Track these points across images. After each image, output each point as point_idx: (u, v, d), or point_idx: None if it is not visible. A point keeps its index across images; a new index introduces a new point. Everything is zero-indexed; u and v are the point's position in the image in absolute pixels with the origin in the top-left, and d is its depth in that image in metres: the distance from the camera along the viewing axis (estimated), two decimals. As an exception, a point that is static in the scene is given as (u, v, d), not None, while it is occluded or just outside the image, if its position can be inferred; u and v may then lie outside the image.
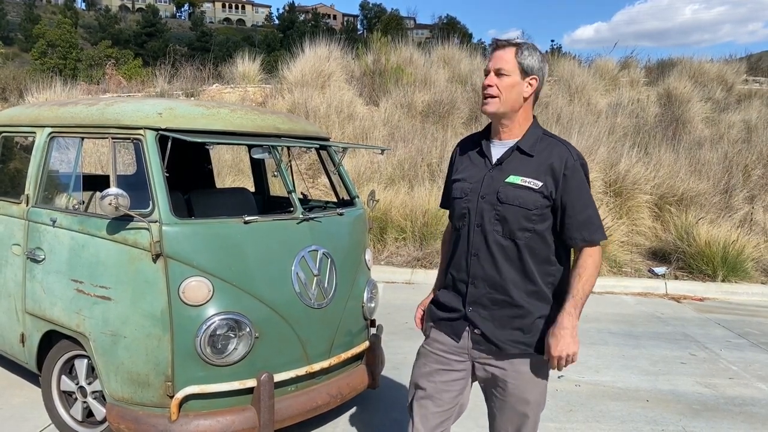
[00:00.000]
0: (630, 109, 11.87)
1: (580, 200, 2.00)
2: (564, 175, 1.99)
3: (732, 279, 7.34)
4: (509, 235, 2.02)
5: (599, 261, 2.04)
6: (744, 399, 4.16)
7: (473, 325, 2.09)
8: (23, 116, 3.78)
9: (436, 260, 7.58)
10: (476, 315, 2.08)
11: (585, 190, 2.02)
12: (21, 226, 3.42)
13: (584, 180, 2.03)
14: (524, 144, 2.05)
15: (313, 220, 3.29)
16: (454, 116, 11.48)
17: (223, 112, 3.32)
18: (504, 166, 2.06)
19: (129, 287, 2.86)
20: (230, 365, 2.88)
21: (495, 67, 2.01)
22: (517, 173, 2.02)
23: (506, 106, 2.02)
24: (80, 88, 13.80)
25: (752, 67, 15.70)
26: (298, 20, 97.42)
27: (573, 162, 2.01)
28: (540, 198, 1.99)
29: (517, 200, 2.00)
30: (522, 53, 2.00)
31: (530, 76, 2.02)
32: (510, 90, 2.01)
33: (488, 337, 2.06)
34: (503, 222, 2.03)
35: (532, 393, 2.08)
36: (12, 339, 3.53)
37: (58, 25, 58.12)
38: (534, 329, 2.04)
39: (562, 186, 1.99)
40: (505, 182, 2.02)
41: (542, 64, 2.04)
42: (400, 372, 4.36)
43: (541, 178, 2.00)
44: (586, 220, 2.00)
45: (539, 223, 2.01)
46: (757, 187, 9.48)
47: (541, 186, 1.99)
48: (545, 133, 2.09)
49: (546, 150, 2.04)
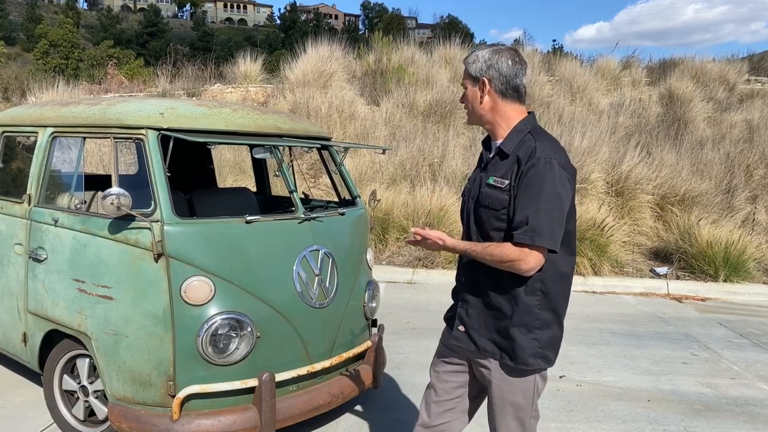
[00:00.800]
0: (632, 109, 11.86)
1: (527, 196, 1.91)
2: (522, 171, 1.94)
3: (734, 279, 7.33)
4: (484, 236, 2.05)
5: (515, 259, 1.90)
6: (746, 399, 4.16)
7: (460, 321, 2.15)
8: (25, 116, 3.79)
9: (437, 260, 7.58)
10: (463, 313, 2.14)
11: (538, 186, 1.90)
12: (23, 226, 3.42)
13: (542, 177, 1.90)
14: (504, 145, 2.05)
15: (315, 220, 3.29)
16: (455, 116, 11.48)
17: (224, 111, 3.32)
18: (488, 168, 2.09)
19: (131, 287, 2.86)
20: (232, 365, 2.88)
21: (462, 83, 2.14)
22: (493, 174, 2.04)
23: (474, 115, 2.11)
24: (82, 88, 13.82)
25: (754, 66, 15.67)
26: (300, 20, 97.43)
27: (535, 158, 1.92)
28: (505, 197, 1.97)
29: (487, 200, 2.02)
30: (468, 64, 2.08)
31: (479, 79, 2.04)
32: (470, 101, 2.10)
33: (469, 335, 2.12)
34: (479, 223, 2.07)
35: (513, 395, 2.06)
36: (14, 338, 3.54)
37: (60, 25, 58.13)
38: (510, 334, 2.01)
39: (519, 181, 1.94)
40: (486, 184, 2.06)
41: (491, 62, 2.02)
42: (401, 372, 4.36)
43: (507, 176, 1.98)
44: (523, 218, 1.90)
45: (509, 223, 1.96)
46: (759, 187, 9.47)
47: (507, 184, 1.98)
48: (531, 131, 2.03)
49: (518, 147, 2.01)
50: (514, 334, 2.01)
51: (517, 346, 2.01)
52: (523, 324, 2.00)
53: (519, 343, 2.00)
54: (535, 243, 1.88)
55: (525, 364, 2.01)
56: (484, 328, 2.08)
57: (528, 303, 1.99)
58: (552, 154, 1.94)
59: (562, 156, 1.98)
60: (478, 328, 2.09)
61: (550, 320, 2.04)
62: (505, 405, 2.07)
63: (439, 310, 6.16)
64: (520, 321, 2.00)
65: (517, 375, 2.05)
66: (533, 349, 2.01)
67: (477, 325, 2.09)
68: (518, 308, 2.00)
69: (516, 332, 2.00)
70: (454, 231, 7.85)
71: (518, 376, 2.05)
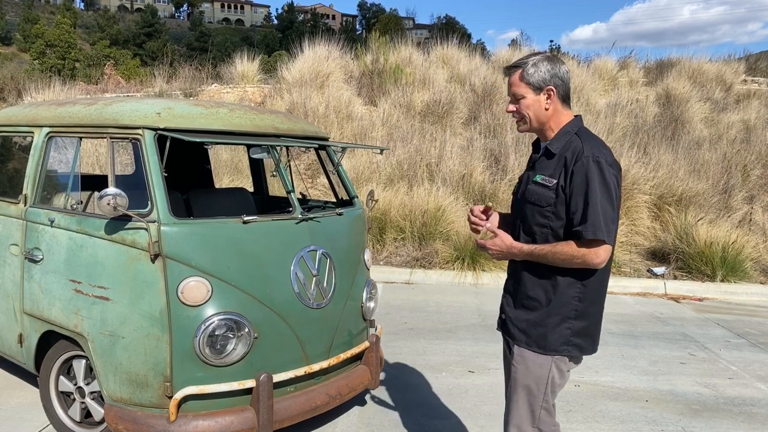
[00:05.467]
0: (629, 109, 11.87)
1: (582, 195, 2.03)
2: (572, 170, 2.05)
3: (731, 279, 7.34)
4: (528, 231, 2.18)
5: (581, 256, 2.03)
6: (743, 399, 4.16)
7: (502, 310, 2.32)
8: (21, 116, 3.77)
9: (435, 260, 7.58)
10: (504, 302, 2.32)
11: (590, 185, 2.02)
12: (19, 226, 3.41)
13: (592, 176, 2.03)
14: (552, 144, 2.17)
15: (312, 220, 3.29)
16: (453, 116, 11.48)
17: (221, 111, 3.31)
18: (536, 167, 2.22)
19: (127, 287, 2.85)
20: (229, 365, 2.87)
21: (510, 93, 2.19)
22: (541, 172, 2.16)
23: (534, 123, 2.18)
24: (79, 88, 13.79)
25: (751, 67, 15.70)
26: (297, 20, 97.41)
27: (583, 157, 2.04)
28: (552, 195, 2.09)
29: (533, 197, 2.14)
30: (527, 72, 2.14)
31: (543, 89, 2.14)
32: (529, 109, 2.16)
33: (505, 322, 2.30)
34: (523, 218, 2.20)
35: (526, 379, 2.20)
36: (10, 339, 3.52)
37: (57, 25, 57.98)
38: (543, 322, 2.14)
39: (569, 180, 2.06)
40: (532, 181, 2.18)
41: (554, 71, 2.14)
42: (399, 372, 4.35)
43: (555, 175, 2.10)
44: (583, 216, 2.02)
45: (554, 220, 2.10)
46: (756, 187, 9.49)
47: (555, 183, 2.09)
48: (578, 132, 2.15)
49: (565, 147, 2.12)
50: (548, 323, 2.14)
51: (550, 334, 2.14)
52: (559, 314, 2.13)
53: (551, 331, 2.14)
54: (597, 237, 2.00)
55: (555, 351, 2.15)
56: (518, 317, 2.22)
57: (567, 294, 2.12)
58: (598, 152, 2.06)
59: (608, 154, 2.09)
60: (513, 317, 2.24)
61: (587, 311, 2.15)
62: (518, 387, 2.22)
63: (436, 310, 6.20)
64: (556, 311, 2.13)
65: (535, 362, 2.18)
66: (566, 337, 2.14)
67: (513, 314, 2.25)
68: (556, 298, 2.13)
69: (551, 321, 2.14)
70: (451, 231, 7.86)
71: (536, 363, 2.18)
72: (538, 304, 2.16)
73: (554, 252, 2.07)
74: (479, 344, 5.01)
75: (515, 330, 2.23)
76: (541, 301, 2.15)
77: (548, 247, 2.09)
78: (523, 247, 2.14)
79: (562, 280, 2.11)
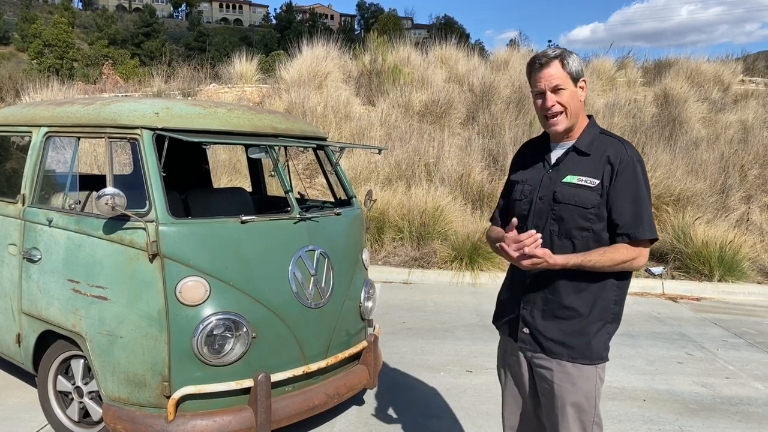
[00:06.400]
0: (627, 109, 11.88)
1: (630, 195, 1.98)
2: (617, 171, 2.00)
3: (728, 279, 7.36)
4: (566, 235, 2.04)
5: (632, 258, 1.98)
6: (740, 398, 4.17)
7: (524, 323, 2.13)
8: (19, 116, 3.77)
9: (434, 260, 7.58)
10: (527, 314, 2.13)
11: (637, 185, 1.99)
12: (17, 226, 3.40)
13: (637, 176, 2.00)
14: (581, 143, 2.09)
15: (311, 220, 3.29)
16: (451, 116, 11.48)
17: (220, 111, 3.31)
18: (561, 167, 2.10)
19: (125, 287, 2.85)
20: (227, 365, 2.88)
21: (550, 85, 2.03)
22: (573, 173, 2.05)
23: (573, 117, 2.07)
24: (77, 88, 13.77)
25: (749, 67, 15.71)
26: (296, 20, 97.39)
27: (627, 158, 2.01)
28: (596, 196, 2.00)
29: (573, 199, 2.02)
30: (567, 62, 2.03)
31: (579, 80, 2.06)
32: (571, 101, 2.05)
33: (534, 336, 2.11)
34: (560, 221, 2.05)
35: (574, 396, 2.06)
36: (8, 339, 3.52)
37: (55, 25, 57.88)
38: (586, 331, 2.04)
39: (614, 182, 2.00)
40: (562, 182, 2.06)
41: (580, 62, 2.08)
42: (397, 372, 4.36)
43: (597, 176, 2.02)
44: (633, 216, 1.98)
45: (596, 222, 2.01)
46: (753, 187, 9.51)
47: (598, 184, 2.01)
48: (602, 132, 2.12)
49: (602, 148, 2.06)
50: (590, 331, 2.04)
51: (594, 341, 2.04)
52: (600, 320, 2.05)
53: (595, 339, 2.05)
54: (654, 236, 1.99)
55: (600, 358, 2.06)
56: (551, 329, 2.08)
57: (606, 298, 2.05)
58: (637, 153, 2.04)
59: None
60: (543, 330, 2.09)
61: (620, 312, 2.10)
62: (567, 406, 2.06)
63: (434, 310, 6.20)
64: (597, 317, 2.05)
65: (582, 375, 2.05)
66: (606, 342, 2.08)
67: (543, 326, 2.09)
68: (596, 305, 2.04)
69: (592, 329, 2.05)
70: (449, 231, 7.86)
71: (583, 377, 2.05)
72: (575, 313, 2.04)
73: (609, 258, 1.97)
74: (477, 344, 5.02)
75: (549, 343, 2.07)
76: (579, 309, 2.04)
77: (597, 255, 1.97)
78: (569, 260, 1.97)
79: (601, 285, 2.03)
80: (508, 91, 12.08)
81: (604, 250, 1.98)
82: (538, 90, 2.05)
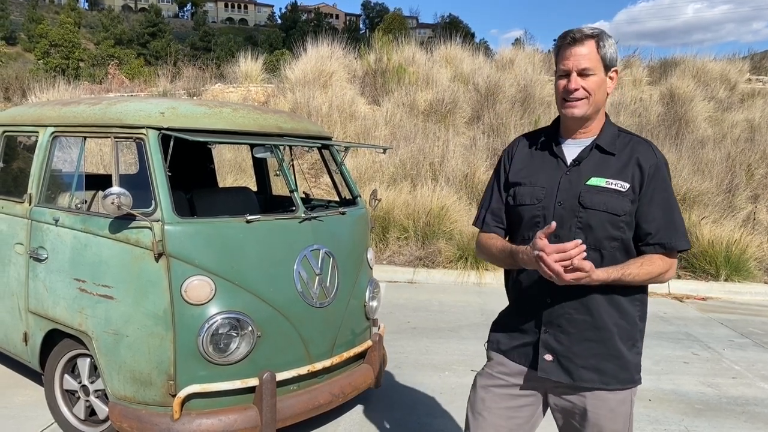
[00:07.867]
0: (633, 108, 11.84)
1: (662, 202, 1.80)
2: (648, 175, 1.80)
3: (735, 279, 7.33)
4: (595, 245, 1.79)
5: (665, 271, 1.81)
6: (747, 399, 4.15)
7: (547, 349, 1.86)
8: (26, 116, 3.79)
9: (438, 259, 7.58)
10: (550, 339, 1.86)
11: (668, 191, 1.82)
12: (24, 226, 3.42)
13: (667, 180, 1.83)
14: (603, 141, 1.85)
15: (315, 220, 3.29)
16: (456, 115, 11.48)
17: (225, 111, 3.32)
18: (582, 167, 1.84)
19: (131, 286, 2.86)
20: (232, 364, 2.88)
21: (578, 66, 1.76)
22: (599, 174, 1.81)
23: (595, 107, 1.82)
24: (83, 88, 13.83)
25: (755, 66, 15.62)
26: (301, 20, 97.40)
27: (657, 161, 1.82)
28: (628, 202, 1.79)
29: (603, 205, 1.78)
30: (603, 45, 1.77)
31: (611, 69, 1.81)
32: (598, 89, 1.79)
33: (561, 364, 1.85)
34: (587, 230, 1.79)
35: (613, 423, 1.87)
36: (15, 338, 3.54)
37: (61, 25, 58.08)
38: (617, 356, 1.85)
39: (644, 187, 1.80)
40: (587, 185, 1.81)
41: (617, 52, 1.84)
42: (401, 371, 4.36)
43: (627, 179, 1.80)
44: (667, 224, 1.81)
45: (627, 230, 1.81)
46: (760, 187, 9.46)
47: (629, 188, 1.79)
48: (621, 130, 1.90)
49: (628, 148, 1.84)
50: (622, 352, 1.85)
51: (627, 364, 1.86)
52: (630, 338, 1.87)
53: (628, 360, 1.86)
54: (689, 246, 1.84)
55: (633, 382, 1.89)
56: (582, 355, 1.84)
57: (632, 314, 1.87)
58: (663, 155, 1.86)
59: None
60: (572, 356, 1.83)
61: (644, 329, 1.92)
62: None
63: (439, 309, 6.19)
64: (627, 336, 1.86)
65: (617, 400, 1.87)
66: (638, 363, 1.90)
67: (572, 352, 1.83)
68: (625, 323, 1.85)
69: (623, 349, 1.85)
70: (454, 231, 7.86)
71: (618, 402, 1.87)
72: (608, 334, 1.82)
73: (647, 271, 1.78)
74: (482, 343, 5.01)
75: (583, 371, 1.83)
76: (610, 328, 1.82)
77: (635, 267, 1.77)
78: (610, 274, 1.73)
79: (628, 300, 1.84)
80: (513, 91, 12.06)
81: (641, 262, 1.78)
82: (564, 69, 1.79)
